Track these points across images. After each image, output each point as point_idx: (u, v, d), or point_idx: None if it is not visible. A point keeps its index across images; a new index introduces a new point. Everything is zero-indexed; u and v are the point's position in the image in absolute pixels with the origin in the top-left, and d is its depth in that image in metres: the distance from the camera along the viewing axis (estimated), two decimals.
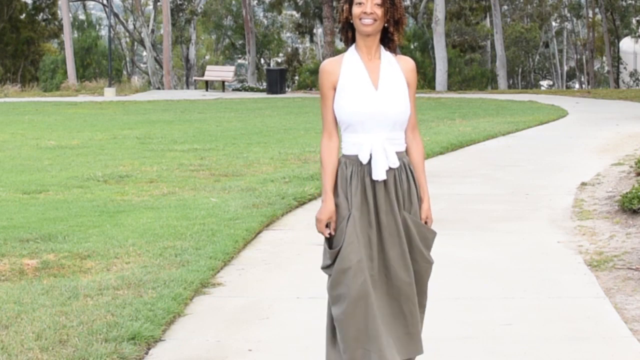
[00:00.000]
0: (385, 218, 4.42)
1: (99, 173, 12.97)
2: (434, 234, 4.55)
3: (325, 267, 4.47)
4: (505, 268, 7.60)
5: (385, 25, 4.45)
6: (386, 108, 4.42)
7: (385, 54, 4.50)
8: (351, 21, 4.47)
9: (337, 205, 4.44)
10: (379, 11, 4.40)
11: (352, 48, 4.51)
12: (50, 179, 12.60)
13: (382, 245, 4.43)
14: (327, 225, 4.45)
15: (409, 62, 4.54)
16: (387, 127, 4.43)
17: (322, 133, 4.54)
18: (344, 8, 4.48)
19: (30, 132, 20.11)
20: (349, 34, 4.51)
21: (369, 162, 4.42)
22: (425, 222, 4.54)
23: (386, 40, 4.51)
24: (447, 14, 43.27)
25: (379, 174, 4.40)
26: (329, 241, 4.46)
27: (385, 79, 4.45)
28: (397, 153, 4.46)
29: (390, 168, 4.42)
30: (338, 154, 4.51)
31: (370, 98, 4.41)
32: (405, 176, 4.48)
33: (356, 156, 4.44)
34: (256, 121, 22.50)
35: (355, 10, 4.42)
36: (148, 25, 52.12)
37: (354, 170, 4.44)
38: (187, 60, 56.38)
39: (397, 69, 4.49)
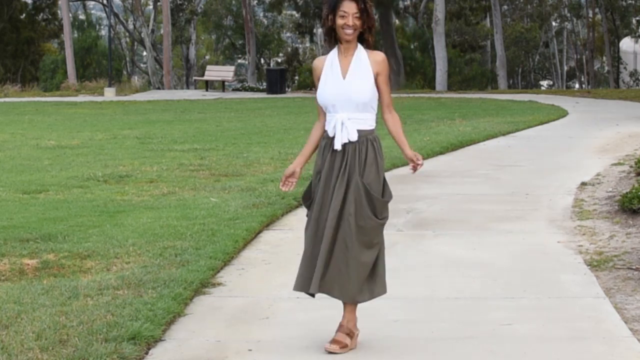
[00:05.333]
0: (338, 180, 5.47)
1: (99, 173, 12.97)
2: (381, 202, 5.51)
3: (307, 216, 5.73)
4: (505, 268, 7.60)
5: (362, 31, 5.48)
6: (349, 92, 5.47)
7: (360, 51, 5.52)
8: (334, 28, 5.49)
9: (314, 170, 5.61)
10: (358, 22, 5.46)
11: (335, 48, 5.57)
12: (50, 179, 12.60)
13: (334, 200, 5.48)
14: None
15: (378, 55, 5.56)
16: (350, 108, 5.49)
17: None
18: (329, 18, 5.50)
19: (30, 132, 20.11)
20: (333, 37, 5.54)
21: (334, 136, 5.51)
22: (409, 158, 5.57)
23: (362, 40, 5.53)
24: (447, 14, 43.21)
25: (336, 145, 5.50)
26: (306, 193, 5.68)
27: (352, 71, 5.50)
28: (360, 130, 5.50)
29: (350, 142, 5.46)
30: (322, 131, 5.65)
31: (337, 85, 5.49)
32: (365, 149, 5.49)
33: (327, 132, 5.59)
34: (256, 121, 22.49)
35: (339, 21, 5.46)
36: (148, 25, 52.08)
37: (326, 142, 5.58)
38: (187, 60, 56.36)
39: (365, 63, 5.51)
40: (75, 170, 13.45)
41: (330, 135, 5.53)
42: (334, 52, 5.56)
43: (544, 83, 65.28)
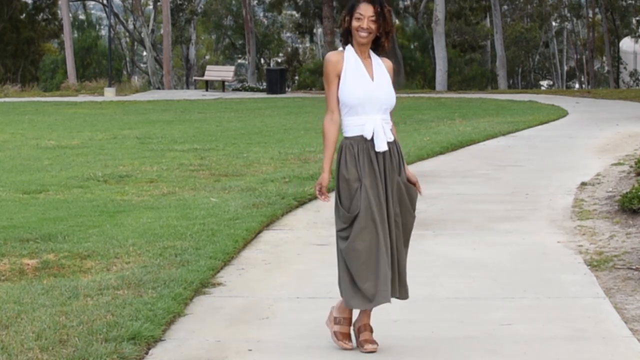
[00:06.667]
0: (389, 181, 5.48)
1: (99, 173, 12.97)
2: (417, 193, 5.66)
3: (340, 230, 5.47)
4: (505, 268, 7.60)
5: (378, 35, 5.50)
6: (381, 94, 5.51)
7: (374, 55, 5.58)
8: (350, 29, 5.50)
9: (348, 179, 5.43)
10: (373, 26, 5.46)
11: (349, 47, 5.55)
12: (50, 179, 12.60)
13: (387, 203, 5.47)
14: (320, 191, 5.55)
15: (388, 62, 5.65)
16: (380, 109, 5.50)
17: (326, 113, 5.55)
18: (346, 19, 5.52)
19: (30, 132, 20.11)
20: (349, 39, 5.55)
21: (372, 138, 5.44)
22: (412, 182, 5.62)
23: (377, 45, 5.56)
24: (447, 14, 43.22)
25: (382, 146, 5.45)
26: (344, 206, 5.43)
27: (378, 73, 5.54)
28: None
29: (388, 142, 5.48)
30: (339, 129, 5.53)
31: (369, 86, 5.48)
32: (395, 148, 5.55)
33: (359, 136, 5.47)
34: (256, 121, 22.50)
35: (354, 23, 5.48)
36: (148, 25, 52.09)
37: (360, 147, 5.46)
38: (187, 60, 56.37)
39: (383, 67, 5.59)
40: (75, 170, 13.45)
41: (368, 137, 5.44)
42: (351, 51, 5.53)
43: (544, 83, 65.30)
